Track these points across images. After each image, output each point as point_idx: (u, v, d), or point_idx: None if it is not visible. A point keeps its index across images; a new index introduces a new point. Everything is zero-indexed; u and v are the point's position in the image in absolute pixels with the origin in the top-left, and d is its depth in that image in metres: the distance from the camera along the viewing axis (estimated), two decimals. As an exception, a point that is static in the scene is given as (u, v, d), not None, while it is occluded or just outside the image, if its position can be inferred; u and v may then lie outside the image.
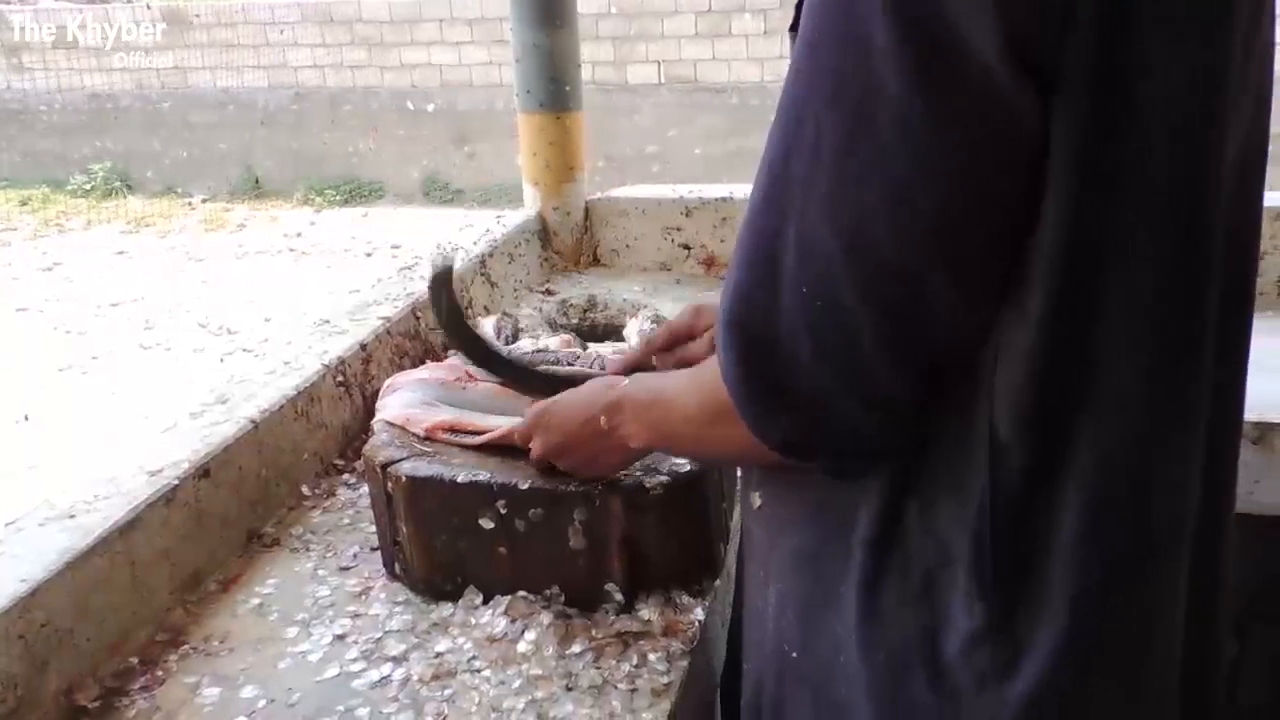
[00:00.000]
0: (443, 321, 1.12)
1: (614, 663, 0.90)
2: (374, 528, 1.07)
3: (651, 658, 0.90)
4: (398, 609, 0.99)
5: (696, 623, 0.94)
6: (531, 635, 0.93)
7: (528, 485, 0.94)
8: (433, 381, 1.16)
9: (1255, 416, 1.26)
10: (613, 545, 0.94)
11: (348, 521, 1.17)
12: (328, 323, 1.45)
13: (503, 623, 0.94)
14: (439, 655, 0.92)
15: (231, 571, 1.08)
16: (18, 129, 9.07)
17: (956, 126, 0.52)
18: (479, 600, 0.98)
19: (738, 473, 0.99)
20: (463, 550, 0.97)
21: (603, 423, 0.84)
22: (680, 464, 0.97)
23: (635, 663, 0.90)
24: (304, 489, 1.22)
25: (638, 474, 0.95)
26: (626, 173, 6.50)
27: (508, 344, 1.41)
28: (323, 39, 8.25)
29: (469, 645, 0.93)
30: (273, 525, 1.16)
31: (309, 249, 7.06)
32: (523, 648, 0.92)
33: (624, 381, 0.84)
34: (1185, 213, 0.55)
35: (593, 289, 1.86)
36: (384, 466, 0.99)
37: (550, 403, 0.93)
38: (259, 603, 1.02)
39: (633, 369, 1.01)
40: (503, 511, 0.94)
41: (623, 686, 0.87)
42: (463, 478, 0.95)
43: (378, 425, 1.09)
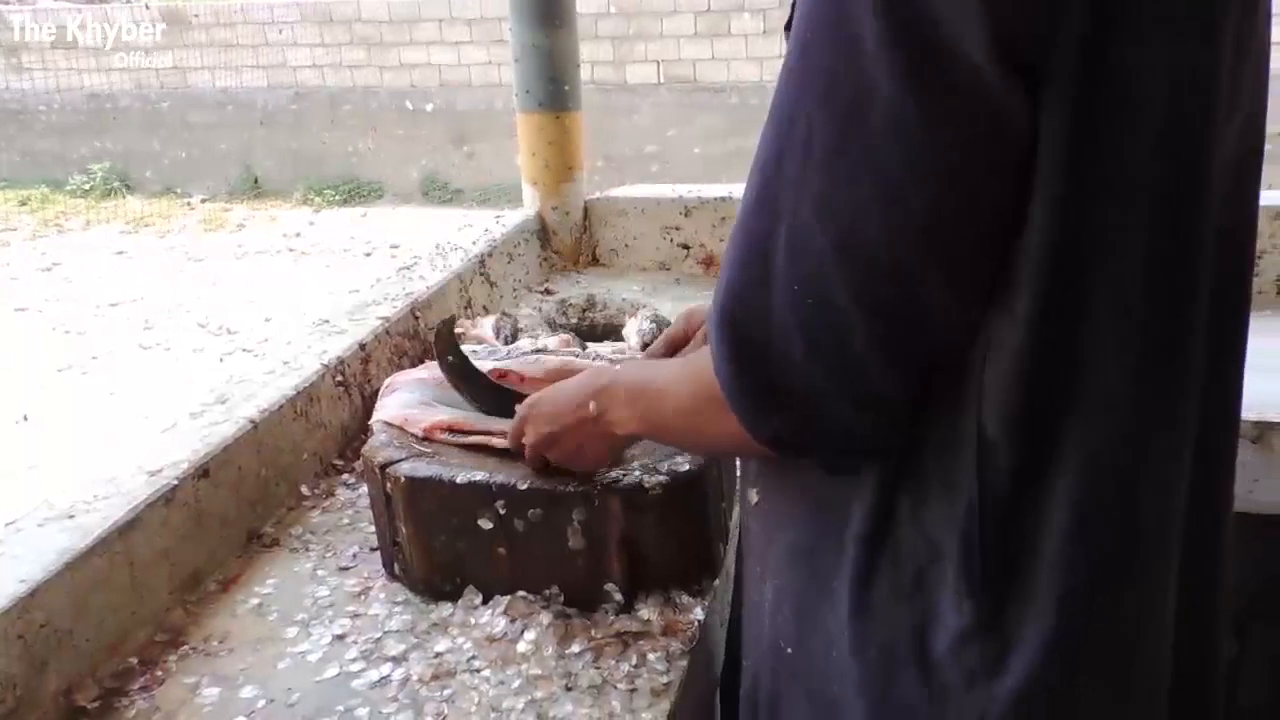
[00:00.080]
0: (451, 375, 1.12)
1: (613, 663, 0.90)
2: (373, 528, 1.07)
3: (651, 657, 0.90)
4: (397, 609, 0.99)
5: (696, 622, 0.94)
6: (531, 635, 0.93)
7: (527, 485, 0.94)
8: (432, 381, 1.16)
9: (1255, 416, 1.26)
10: (612, 545, 0.94)
11: (347, 521, 1.17)
12: (327, 322, 1.45)
13: (502, 623, 0.94)
14: (438, 655, 0.92)
15: (231, 572, 1.08)
16: (17, 129, 9.07)
17: (947, 126, 0.52)
18: (478, 600, 0.98)
19: (737, 472, 0.99)
20: (462, 550, 0.97)
21: (592, 409, 0.83)
22: (680, 464, 0.97)
23: (635, 663, 0.90)
24: (303, 489, 1.22)
25: (637, 474, 0.95)
26: (625, 172, 6.50)
27: (506, 343, 1.41)
28: (322, 39, 8.25)
29: (468, 645, 0.93)
30: (272, 525, 1.16)
31: (308, 249, 7.06)
32: (522, 648, 0.92)
33: (615, 368, 0.84)
34: (1174, 214, 0.55)
35: (592, 288, 1.86)
36: (383, 467, 0.99)
37: (540, 393, 0.92)
38: (258, 603, 1.02)
39: None
40: (502, 512, 0.94)
41: (622, 686, 0.87)
42: (462, 478, 0.95)
43: (377, 425, 1.09)
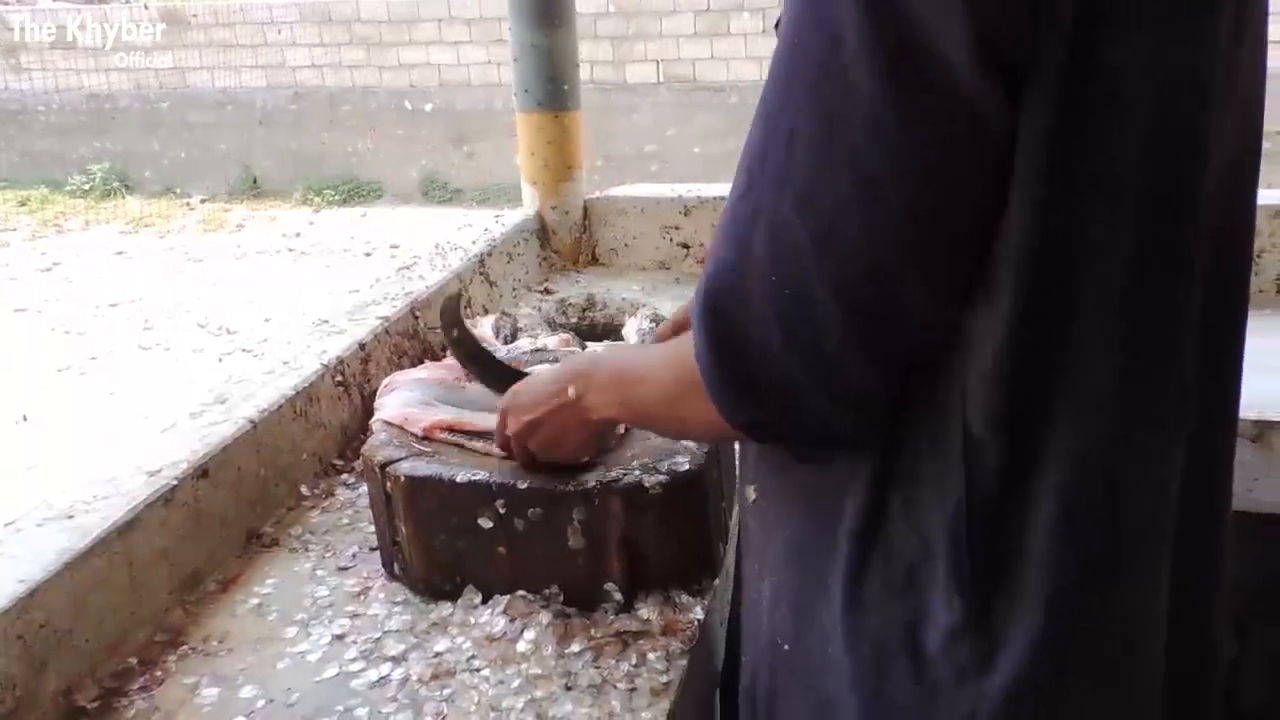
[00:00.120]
0: (457, 353, 1.12)
1: (613, 662, 0.90)
2: (373, 527, 1.07)
3: (650, 657, 0.90)
4: (396, 609, 0.99)
5: (695, 622, 0.94)
6: (530, 635, 0.92)
7: (526, 485, 0.94)
8: (431, 381, 1.16)
9: (1254, 415, 1.26)
10: (612, 545, 0.94)
11: (346, 521, 1.17)
12: (326, 322, 1.45)
13: (502, 622, 0.94)
14: (438, 655, 0.92)
15: (230, 572, 1.08)
16: (16, 129, 9.06)
17: (926, 126, 0.52)
18: (478, 600, 0.98)
19: (736, 471, 0.99)
20: (461, 550, 0.97)
21: (571, 393, 0.83)
22: (680, 463, 0.97)
23: (634, 662, 0.90)
24: (303, 489, 1.22)
25: (637, 473, 0.95)
26: (625, 172, 6.49)
27: (506, 343, 1.41)
28: (321, 39, 8.25)
29: (468, 645, 0.93)
30: (271, 525, 1.16)
31: (308, 249, 7.05)
32: (522, 647, 0.92)
33: (596, 353, 0.84)
34: (1164, 213, 0.54)
35: (591, 288, 1.85)
36: (383, 466, 0.99)
37: (520, 383, 0.93)
38: (258, 603, 1.02)
39: None
40: (501, 511, 0.94)
41: (622, 686, 0.87)
42: (461, 477, 0.95)
43: (376, 425, 1.09)
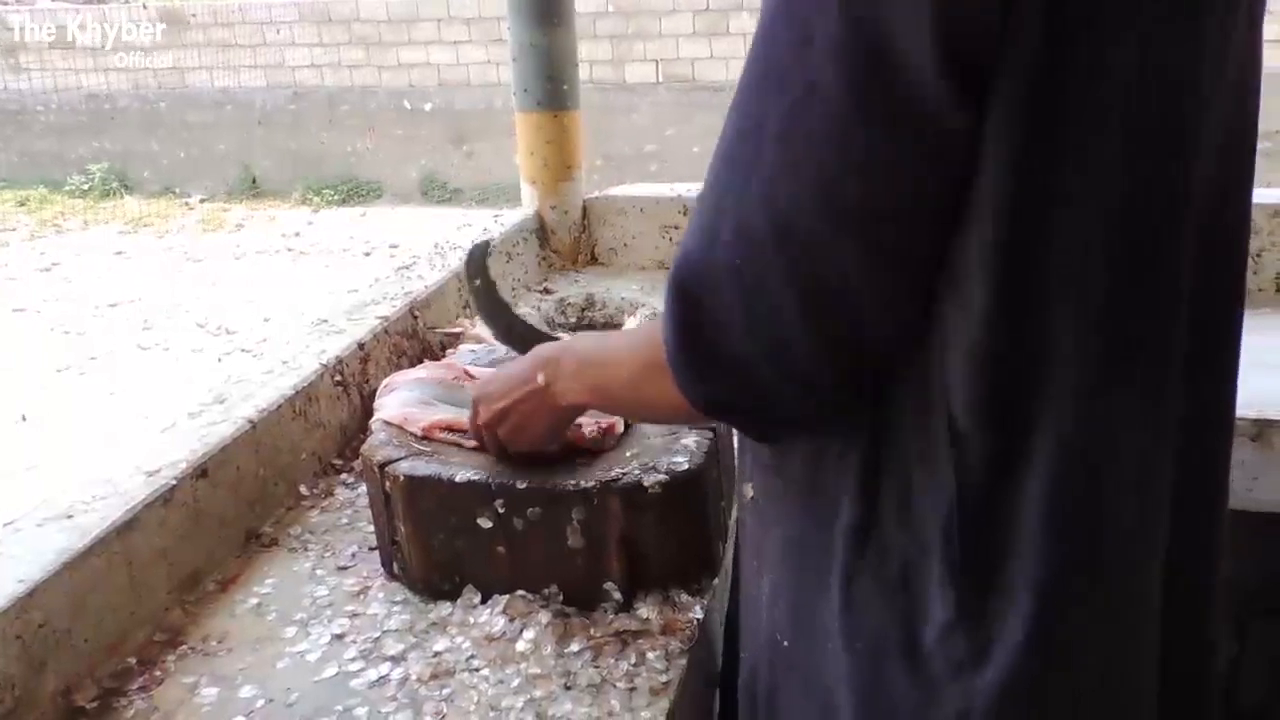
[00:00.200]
0: (479, 302, 1.12)
1: (612, 661, 0.90)
2: (372, 527, 1.07)
3: (650, 656, 0.90)
4: (396, 608, 0.99)
5: (695, 621, 0.94)
6: (530, 634, 0.92)
7: (525, 484, 0.94)
8: (430, 380, 1.16)
9: (1254, 414, 1.26)
10: (611, 544, 0.94)
11: (346, 521, 1.17)
12: (326, 322, 1.45)
13: (501, 622, 0.94)
14: (437, 654, 0.92)
15: (229, 571, 1.08)
16: (15, 129, 9.06)
17: (884, 124, 0.53)
18: (477, 599, 0.98)
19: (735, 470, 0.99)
20: (461, 549, 0.97)
21: (540, 380, 0.85)
22: (679, 462, 0.97)
23: (634, 661, 0.90)
24: (302, 489, 1.22)
25: (636, 473, 0.95)
26: (624, 171, 6.48)
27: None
28: (320, 39, 8.25)
29: (467, 644, 0.93)
30: (271, 525, 1.16)
31: (307, 249, 7.05)
32: (521, 647, 0.91)
33: (565, 341, 0.85)
34: (1142, 213, 0.54)
35: (591, 288, 1.85)
36: (382, 466, 0.99)
37: (491, 372, 0.93)
38: (257, 603, 1.02)
39: None
40: (501, 510, 0.94)
41: (621, 685, 0.87)
42: (460, 477, 0.95)
43: (375, 424, 1.09)
